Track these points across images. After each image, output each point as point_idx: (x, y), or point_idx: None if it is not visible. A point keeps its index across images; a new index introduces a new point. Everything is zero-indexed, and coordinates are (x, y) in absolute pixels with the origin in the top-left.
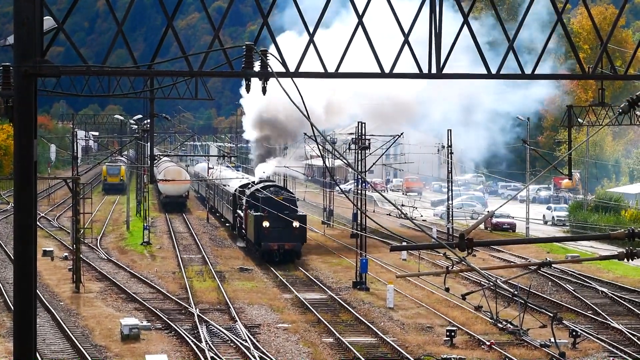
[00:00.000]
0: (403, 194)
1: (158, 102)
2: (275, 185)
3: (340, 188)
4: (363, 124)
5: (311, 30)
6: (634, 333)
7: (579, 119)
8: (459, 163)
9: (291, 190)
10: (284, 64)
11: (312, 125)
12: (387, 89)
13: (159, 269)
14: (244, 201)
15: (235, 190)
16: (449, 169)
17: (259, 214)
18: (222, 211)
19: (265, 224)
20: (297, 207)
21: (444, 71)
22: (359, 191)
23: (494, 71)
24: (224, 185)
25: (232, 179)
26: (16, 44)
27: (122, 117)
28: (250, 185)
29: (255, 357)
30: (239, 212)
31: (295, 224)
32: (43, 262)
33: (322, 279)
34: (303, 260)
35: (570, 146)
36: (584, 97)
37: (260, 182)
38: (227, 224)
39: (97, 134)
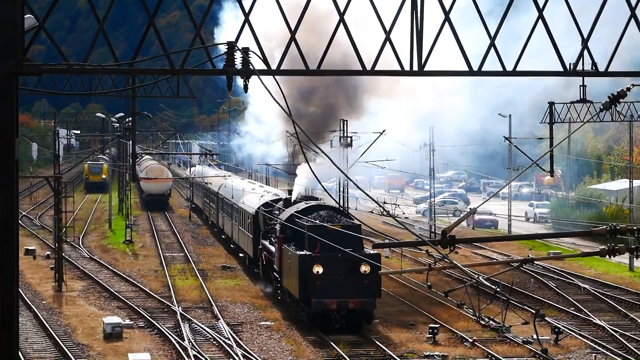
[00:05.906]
0: (385, 191)
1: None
2: (327, 207)
3: (322, 186)
4: (345, 122)
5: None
6: (616, 329)
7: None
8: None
9: (351, 214)
10: (265, 61)
11: (294, 122)
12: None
13: (141, 268)
14: (276, 228)
15: (259, 209)
16: (431, 166)
17: (305, 253)
18: (234, 236)
19: (317, 269)
20: (361, 238)
21: (426, 68)
22: (341, 188)
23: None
24: (239, 197)
25: (239, 179)
26: None
27: (103, 116)
28: (282, 203)
29: (238, 355)
30: (265, 243)
31: (364, 268)
32: (25, 261)
33: None
34: None
35: (551, 143)
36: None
37: (299, 199)
38: (240, 254)
39: (78, 132)
